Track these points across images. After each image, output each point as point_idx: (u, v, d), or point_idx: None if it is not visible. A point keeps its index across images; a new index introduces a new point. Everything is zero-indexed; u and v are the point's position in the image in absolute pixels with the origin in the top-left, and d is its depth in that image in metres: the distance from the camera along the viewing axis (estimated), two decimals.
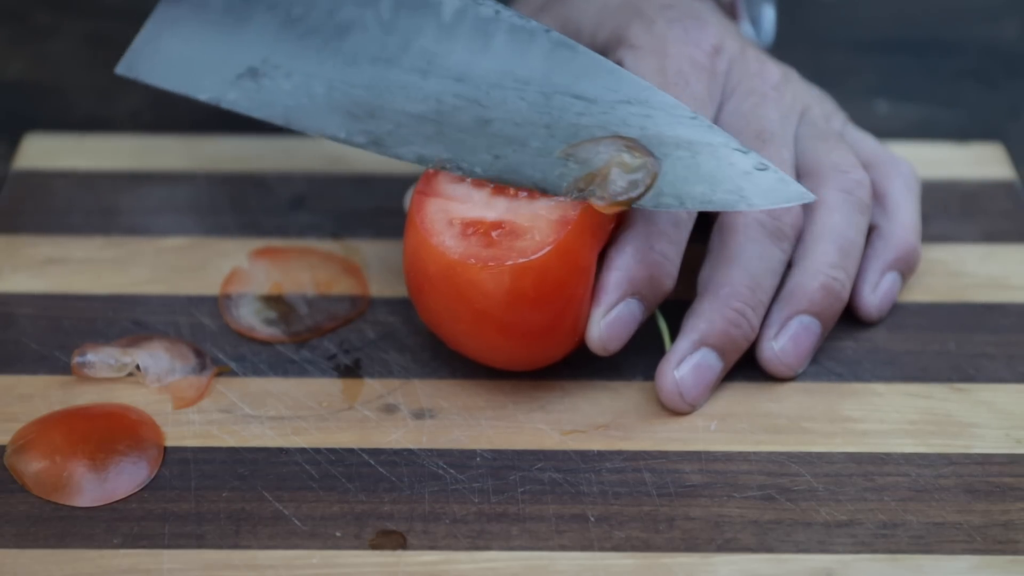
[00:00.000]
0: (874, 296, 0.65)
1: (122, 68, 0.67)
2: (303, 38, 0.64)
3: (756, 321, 0.62)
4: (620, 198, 0.58)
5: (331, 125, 0.63)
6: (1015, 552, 0.56)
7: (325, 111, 0.63)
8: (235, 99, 0.64)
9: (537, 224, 0.59)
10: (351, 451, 0.60)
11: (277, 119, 0.64)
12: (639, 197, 0.58)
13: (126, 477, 0.58)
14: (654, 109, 0.60)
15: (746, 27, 0.73)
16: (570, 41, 0.61)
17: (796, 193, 0.59)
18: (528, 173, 0.60)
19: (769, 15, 0.74)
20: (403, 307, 0.66)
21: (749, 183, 0.58)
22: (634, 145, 0.59)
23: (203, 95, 0.65)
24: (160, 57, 0.66)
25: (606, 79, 0.60)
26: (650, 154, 0.59)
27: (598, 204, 0.59)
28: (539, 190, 0.60)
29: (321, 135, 0.63)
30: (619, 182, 0.58)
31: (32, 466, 0.58)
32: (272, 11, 0.65)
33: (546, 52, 0.61)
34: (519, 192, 0.60)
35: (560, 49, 0.61)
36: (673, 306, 0.63)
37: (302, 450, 0.60)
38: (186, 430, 0.60)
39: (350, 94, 0.63)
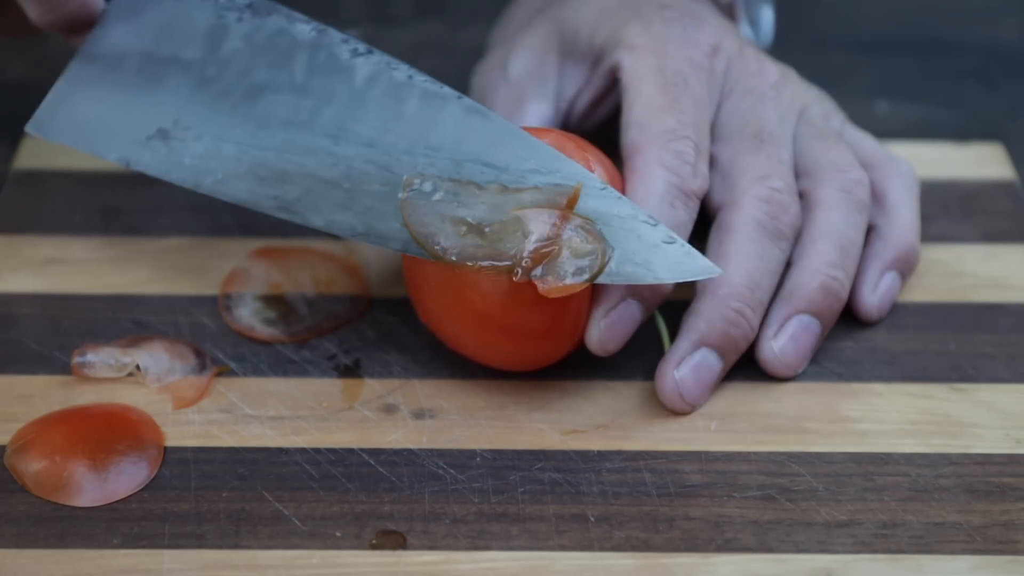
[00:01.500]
0: (874, 296, 0.65)
1: (32, 127, 0.65)
2: (215, 100, 0.63)
3: (755, 321, 0.62)
4: (566, 281, 0.57)
5: (240, 190, 0.62)
6: (1015, 552, 0.56)
7: (234, 175, 0.62)
8: (146, 161, 0.63)
9: None
10: (351, 451, 0.60)
11: (187, 182, 0.62)
12: (584, 284, 0.58)
13: (126, 477, 0.58)
14: (564, 179, 0.59)
15: (745, 28, 0.73)
16: (482, 108, 0.61)
17: (702, 267, 0.58)
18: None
19: (768, 16, 0.74)
20: (403, 307, 0.66)
21: (657, 256, 0.58)
22: (588, 227, 0.58)
23: (113, 156, 0.63)
24: (72, 117, 0.64)
25: (518, 147, 0.60)
26: (602, 238, 0.58)
27: (542, 287, 0.57)
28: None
29: (231, 200, 0.62)
30: (568, 266, 0.57)
31: (32, 466, 0.58)
32: (185, 72, 0.63)
33: (458, 118, 0.60)
34: None
35: (472, 116, 0.60)
36: (673, 306, 0.63)
37: (302, 450, 0.60)
38: (186, 430, 0.60)
39: (259, 158, 0.62)
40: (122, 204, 0.71)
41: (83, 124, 0.64)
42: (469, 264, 0.58)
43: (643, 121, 0.63)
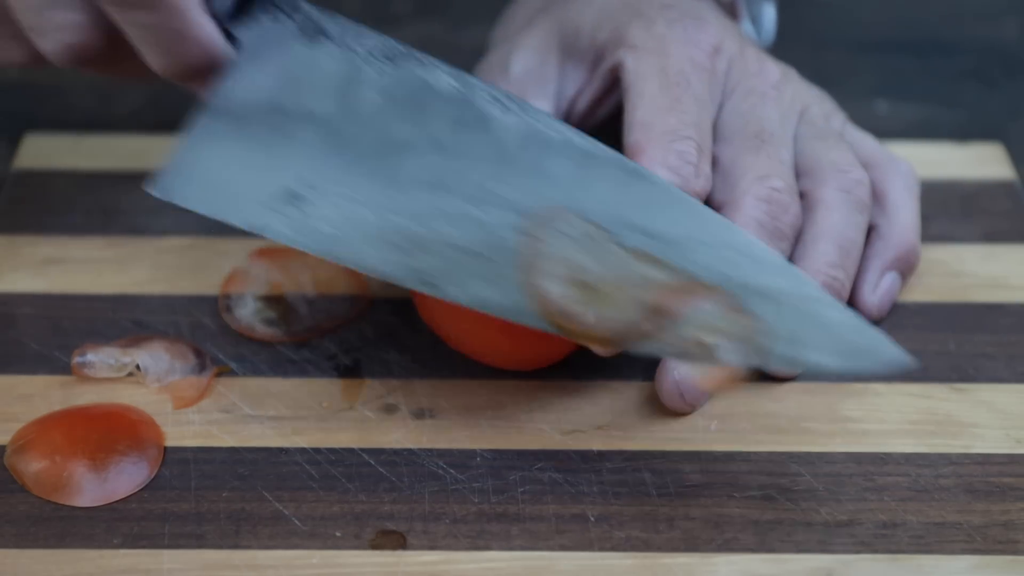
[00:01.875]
0: (874, 296, 0.65)
1: (158, 191, 0.59)
2: (351, 160, 0.58)
3: None
4: (723, 365, 0.55)
5: (376, 260, 0.57)
6: (1015, 552, 0.56)
7: (370, 244, 0.57)
8: (277, 228, 0.58)
9: None
10: (351, 451, 0.60)
11: (321, 251, 0.57)
12: (742, 372, 0.56)
13: (126, 477, 0.58)
14: (736, 252, 0.56)
15: (747, 26, 0.73)
16: (644, 171, 0.58)
17: (895, 358, 0.54)
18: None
19: (770, 14, 0.74)
20: (403, 307, 0.66)
21: (845, 343, 0.55)
22: (735, 305, 0.55)
23: (242, 222, 0.58)
24: (198, 179, 0.59)
25: (686, 216, 0.56)
26: (751, 315, 0.55)
27: (703, 382, 0.57)
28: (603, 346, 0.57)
29: (368, 272, 0.57)
30: (718, 349, 0.54)
31: (32, 466, 0.58)
32: (318, 128, 0.59)
33: (618, 182, 0.57)
34: None
35: (634, 180, 0.57)
36: None
37: (302, 450, 0.60)
38: (186, 430, 0.60)
39: (397, 224, 0.57)
40: (122, 204, 0.71)
41: (210, 186, 0.59)
42: (560, 312, 0.56)
43: (646, 121, 0.63)
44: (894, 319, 0.66)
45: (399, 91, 0.60)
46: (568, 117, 0.70)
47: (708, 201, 0.64)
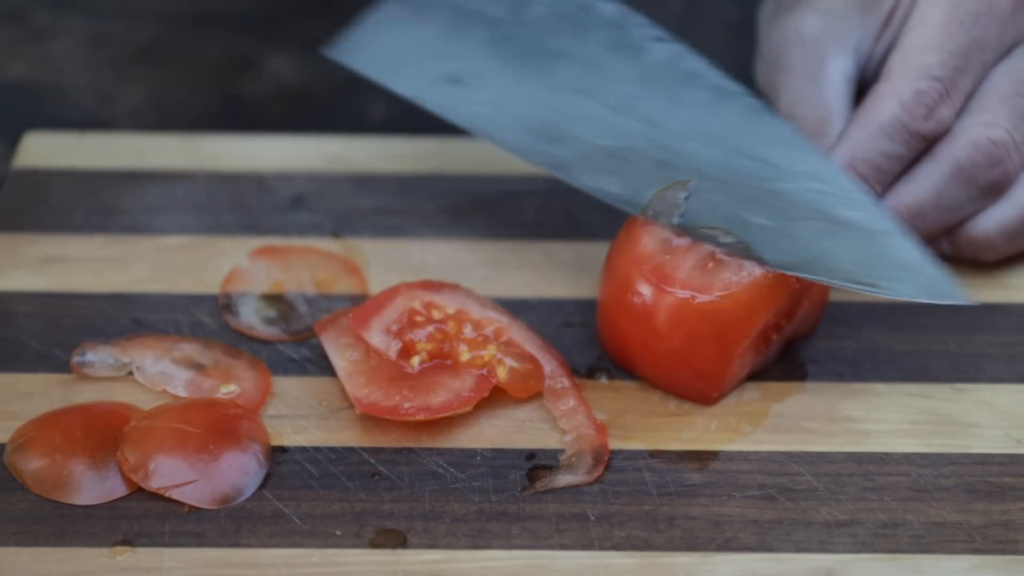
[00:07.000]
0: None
1: (335, 53, 0.69)
2: (512, 57, 0.66)
3: None
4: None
5: (515, 141, 0.64)
6: (1015, 552, 0.56)
7: (514, 127, 0.65)
8: (435, 101, 0.66)
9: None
10: (351, 450, 0.60)
11: (466, 125, 0.65)
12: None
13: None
14: (828, 185, 0.60)
15: None
16: (767, 107, 0.62)
17: (952, 292, 0.59)
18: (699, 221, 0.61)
19: None
20: None
21: (907, 274, 0.59)
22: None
23: (407, 92, 0.66)
24: (373, 50, 0.68)
25: (796, 151, 0.61)
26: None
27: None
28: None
29: (504, 148, 0.64)
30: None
31: (32, 464, 0.58)
32: (488, 28, 0.67)
33: (742, 113, 0.63)
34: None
35: (756, 113, 0.62)
36: None
37: (302, 449, 0.60)
38: None
39: (542, 117, 0.65)
40: (122, 202, 0.71)
41: (381, 57, 0.68)
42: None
43: (908, 49, 0.64)
44: (894, 319, 0.66)
45: (566, 9, 0.67)
46: (866, 70, 0.68)
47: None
